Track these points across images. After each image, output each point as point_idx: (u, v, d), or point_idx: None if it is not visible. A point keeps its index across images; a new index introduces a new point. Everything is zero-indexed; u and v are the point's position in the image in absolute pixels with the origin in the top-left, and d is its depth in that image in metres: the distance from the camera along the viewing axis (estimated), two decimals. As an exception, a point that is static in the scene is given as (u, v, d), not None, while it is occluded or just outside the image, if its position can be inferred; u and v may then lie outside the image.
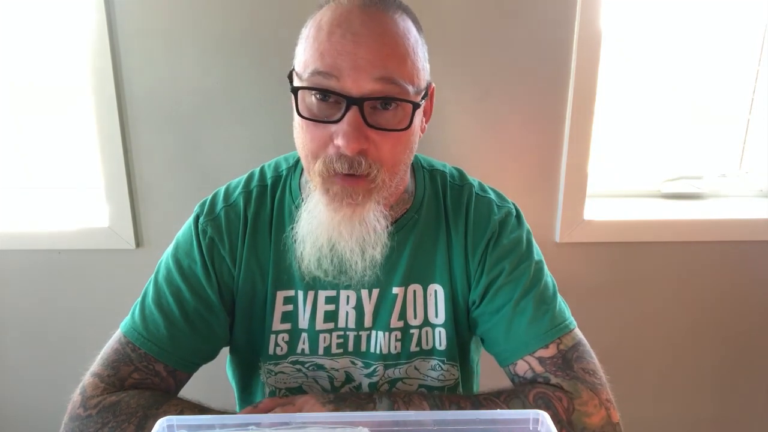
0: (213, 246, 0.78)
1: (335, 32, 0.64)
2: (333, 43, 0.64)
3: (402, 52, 0.66)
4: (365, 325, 0.80)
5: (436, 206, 0.82)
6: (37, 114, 1.27)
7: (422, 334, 0.81)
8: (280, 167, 0.84)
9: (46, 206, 1.31)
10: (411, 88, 0.67)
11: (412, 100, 0.67)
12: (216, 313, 0.78)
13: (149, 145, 1.18)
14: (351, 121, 0.64)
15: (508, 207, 0.83)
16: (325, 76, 0.64)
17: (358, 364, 0.82)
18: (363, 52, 0.64)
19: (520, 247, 0.80)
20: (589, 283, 1.34)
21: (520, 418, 0.57)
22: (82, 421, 0.69)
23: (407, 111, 0.67)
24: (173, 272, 0.78)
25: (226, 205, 0.80)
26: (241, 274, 0.79)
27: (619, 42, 1.29)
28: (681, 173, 1.42)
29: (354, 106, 0.64)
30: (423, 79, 0.70)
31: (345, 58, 0.63)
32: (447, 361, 0.82)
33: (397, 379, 0.83)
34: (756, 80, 1.36)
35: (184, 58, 1.13)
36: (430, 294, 0.80)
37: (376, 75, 0.64)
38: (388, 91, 0.65)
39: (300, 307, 0.80)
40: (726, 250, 1.35)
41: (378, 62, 0.64)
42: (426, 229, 0.80)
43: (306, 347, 0.81)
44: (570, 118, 1.20)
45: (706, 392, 1.47)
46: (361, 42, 0.64)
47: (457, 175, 0.86)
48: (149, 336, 0.75)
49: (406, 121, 0.68)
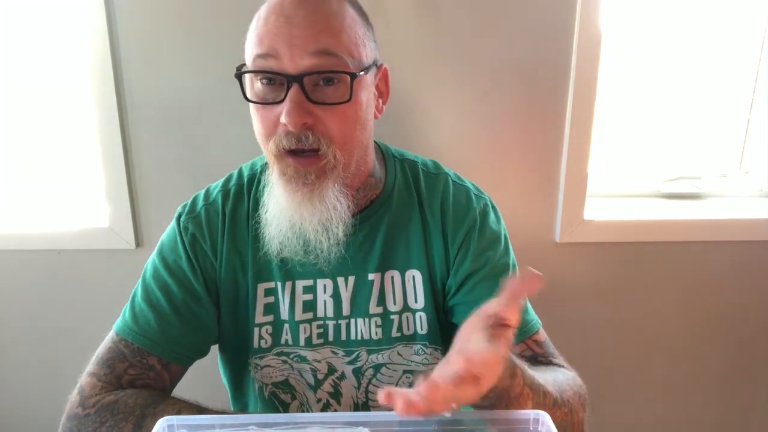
0: (195, 241, 0.81)
1: (270, 17, 0.68)
2: (269, 27, 0.68)
3: (336, 26, 0.69)
4: (344, 314, 0.82)
5: (408, 194, 0.83)
6: (37, 114, 1.26)
7: (403, 320, 0.82)
8: (255, 165, 0.87)
9: (46, 206, 1.31)
10: (350, 60, 0.69)
11: (350, 71, 0.69)
12: (204, 304, 0.80)
13: (149, 145, 1.18)
14: (292, 97, 0.67)
15: (485, 199, 0.86)
16: (264, 57, 0.68)
17: (339, 353, 0.83)
18: (296, 30, 0.67)
19: (500, 243, 0.83)
20: (589, 283, 1.34)
21: (521, 418, 0.57)
22: (80, 420, 0.70)
23: (347, 83, 0.69)
24: (160, 269, 0.80)
25: (206, 203, 0.83)
26: (223, 268, 0.81)
27: (619, 42, 1.29)
28: (681, 173, 1.42)
29: (294, 84, 0.67)
30: (364, 54, 0.72)
31: (280, 39, 0.67)
32: (430, 345, 0.83)
33: (381, 365, 0.84)
34: (756, 80, 1.36)
35: (185, 59, 1.13)
36: (408, 279, 0.82)
37: (311, 49, 0.67)
38: (325, 64, 0.68)
39: (280, 298, 0.81)
40: (726, 250, 1.35)
41: (311, 37, 0.67)
42: (399, 215, 0.82)
43: (289, 338, 0.82)
44: (570, 118, 1.20)
45: (707, 392, 1.47)
46: (293, 22, 0.67)
47: (431, 164, 0.88)
48: (140, 330, 0.77)
49: (347, 94, 0.69)
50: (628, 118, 1.37)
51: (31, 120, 1.27)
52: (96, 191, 1.24)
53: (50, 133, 1.28)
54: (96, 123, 1.15)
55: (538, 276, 0.52)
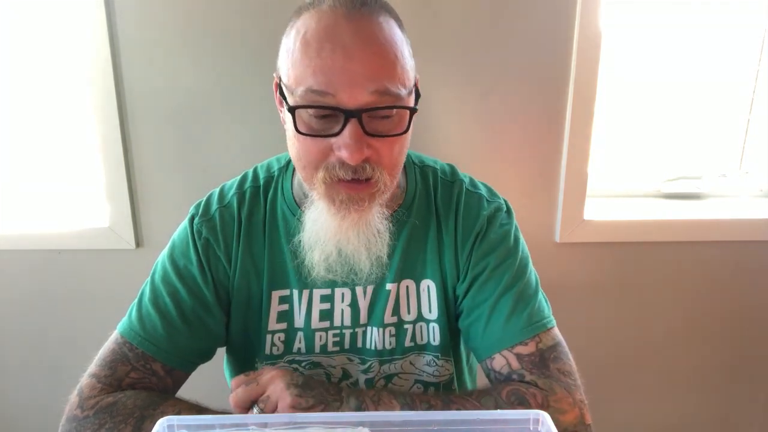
0: (208, 246, 0.79)
1: (324, 47, 0.64)
2: (324, 59, 0.64)
3: (392, 59, 0.66)
4: (360, 322, 0.81)
5: (427, 203, 0.82)
6: (37, 114, 1.26)
7: (416, 330, 0.82)
8: (272, 168, 0.85)
9: (46, 206, 1.31)
10: (404, 90, 0.67)
11: (408, 106, 0.68)
12: (212, 312, 0.79)
13: (149, 146, 1.18)
14: (351, 133, 0.64)
15: (498, 202, 0.84)
16: (321, 94, 0.64)
17: (354, 360, 0.82)
18: (356, 66, 0.63)
19: (507, 242, 0.81)
20: (589, 283, 1.34)
21: (521, 418, 0.57)
22: (80, 422, 0.69)
23: (404, 114, 0.68)
24: (170, 272, 0.78)
25: (220, 206, 0.81)
26: (237, 274, 0.79)
27: (618, 42, 1.29)
28: (681, 173, 1.42)
29: (353, 119, 0.64)
30: (411, 77, 0.71)
31: (339, 75, 0.63)
32: (441, 356, 0.83)
33: (393, 375, 0.83)
34: (756, 80, 1.36)
35: (184, 59, 1.13)
36: (423, 290, 0.81)
37: (371, 89, 0.64)
38: (383, 101, 0.65)
39: (296, 306, 0.80)
40: (726, 250, 1.35)
41: (371, 75, 0.64)
42: (417, 225, 0.81)
43: (302, 346, 0.81)
44: (570, 118, 1.20)
45: (707, 392, 1.47)
46: (352, 56, 0.63)
47: (448, 170, 0.86)
48: (146, 335, 0.75)
49: (404, 125, 0.68)
50: (628, 118, 1.37)
51: (31, 120, 1.27)
52: (96, 191, 1.24)
53: (50, 133, 1.28)
54: (96, 123, 1.15)
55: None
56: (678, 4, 1.29)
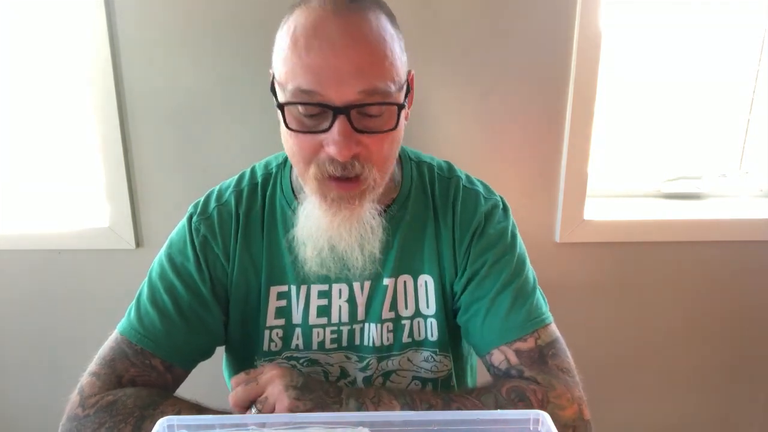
0: (206, 244, 0.79)
1: (312, 45, 0.64)
2: (312, 57, 0.64)
3: (381, 55, 0.66)
4: (358, 318, 0.81)
5: (424, 198, 0.83)
6: (37, 114, 1.26)
7: (414, 325, 0.82)
8: (270, 165, 0.85)
9: (46, 206, 1.31)
10: (393, 86, 0.67)
11: (396, 102, 0.68)
12: (210, 309, 0.79)
13: (149, 146, 1.18)
14: (340, 129, 0.65)
15: (494, 199, 0.84)
16: (309, 92, 0.65)
17: (352, 358, 0.83)
18: (343, 63, 0.63)
19: (504, 239, 0.81)
20: (589, 283, 1.34)
21: (521, 418, 0.57)
22: (80, 421, 0.69)
23: (393, 111, 0.68)
24: (167, 270, 0.79)
25: (218, 204, 0.81)
26: (235, 270, 0.80)
27: (619, 42, 1.29)
28: (681, 173, 1.42)
29: (341, 115, 0.65)
30: (402, 72, 0.70)
31: (326, 72, 0.64)
32: (439, 352, 0.83)
33: (391, 371, 0.83)
34: (756, 80, 1.36)
35: (184, 59, 1.13)
36: (420, 285, 0.81)
37: (359, 88, 0.64)
38: (372, 98, 0.65)
39: (293, 301, 0.81)
40: (726, 250, 1.35)
41: (359, 73, 0.64)
42: (414, 220, 0.81)
43: (300, 342, 0.81)
44: (570, 118, 1.20)
45: (707, 392, 1.47)
46: (339, 53, 0.63)
47: (445, 167, 0.86)
48: (145, 332, 0.76)
49: (393, 122, 0.68)
50: (628, 118, 1.37)
51: (31, 120, 1.27)
52: (96, 191, 1.24)
53: (50, 133, 1.28)
54: (96, 123, 1.15)
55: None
56: (678, 4, 1.29)
